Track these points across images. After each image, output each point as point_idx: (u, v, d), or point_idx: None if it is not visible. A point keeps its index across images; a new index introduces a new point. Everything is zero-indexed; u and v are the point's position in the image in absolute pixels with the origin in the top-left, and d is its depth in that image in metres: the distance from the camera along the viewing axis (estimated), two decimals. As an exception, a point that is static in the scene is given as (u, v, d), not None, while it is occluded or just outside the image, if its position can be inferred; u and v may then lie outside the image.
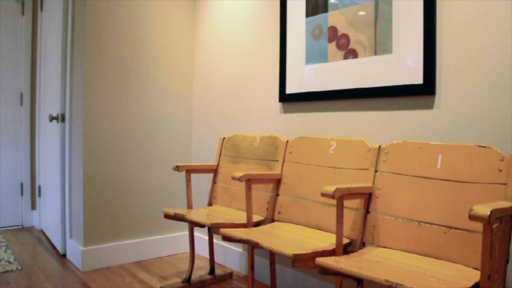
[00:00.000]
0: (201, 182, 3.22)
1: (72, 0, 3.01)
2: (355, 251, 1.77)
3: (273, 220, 2.30)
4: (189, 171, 2.59)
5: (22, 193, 4.08)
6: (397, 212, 1.79)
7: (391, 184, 1.84)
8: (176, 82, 3.23)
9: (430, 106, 1.87)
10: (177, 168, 2.52)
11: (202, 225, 2.24)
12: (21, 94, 4.06)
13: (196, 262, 3.05)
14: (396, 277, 1.36)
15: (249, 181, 2.14)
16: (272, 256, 2.28)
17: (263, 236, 1.89)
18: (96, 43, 2.85)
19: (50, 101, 3.50)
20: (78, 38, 2.93)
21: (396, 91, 1.97)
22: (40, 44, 3.94)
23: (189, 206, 2.58)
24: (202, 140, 3.23)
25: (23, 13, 4.06)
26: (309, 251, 1.68)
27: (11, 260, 3.02)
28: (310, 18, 2.37)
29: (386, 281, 1.31)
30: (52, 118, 3.15)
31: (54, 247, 3.36)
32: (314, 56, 2.35)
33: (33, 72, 4.10)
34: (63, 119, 3.12)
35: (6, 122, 4.00)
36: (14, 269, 2.84)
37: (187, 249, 3.29)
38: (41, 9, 3.90)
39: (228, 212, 2.46)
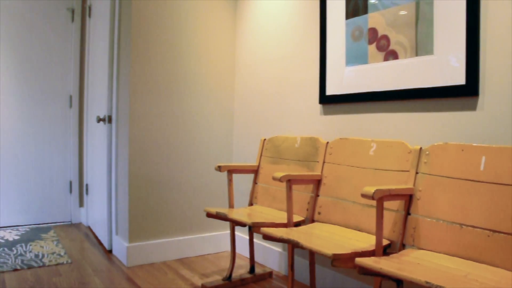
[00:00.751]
0: (242, 182, 3.28)
1: (119, 7, 3.13)
2: (395, 253, 1.77)
3: (313, 221, 2.33)
4: (231, 171, 2.65)
5: (71, 191, 4.27)
6: (439, 214, 1.77)
7: (432, 186, 1.83)
8: (217, 84, 3.30)
9: (473, 107, 1.85)
10: (219, 169, 2.59)
11: (243, 224, 2.29)
12: (70, 97, 4.25)
13: (237, 261, 3.11)
14: (437, 279, 1.36)
15: (290, 181, 2.17)
16: (312, 256, 2.30)
17: (303, 235, 1.92)
18: (141, 47, 2.96)
19: (97, 103, 3.65)
20: (124, 43, 3.05)
21: (438, 92, 1.95)
22: (88, 49, 4.11)
23: (231, 206, 2.64)
24: (243, 141, 3.29)
25: (72, 20, 4.25)
26: (349, 251, 1.69)
27: (62, 253, 3.17)
28: (350, 20, 2.38)
29: (427, 282, 1.32)
30: (99, 120, 3.29)
31: (100, 243, 3.51)
32: (354, 57, 2.36)
33: (81, 76, 4.29)
34: (110, 120, 3.25)
35: (57, 124, 4.20)
36: (65, 262, 2.99)
37: (228, 248, 3.36)
38: (89, 16, 4.08)
39: (268, 212, 2.50)
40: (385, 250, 1.90)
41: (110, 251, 3.28)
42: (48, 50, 4.15)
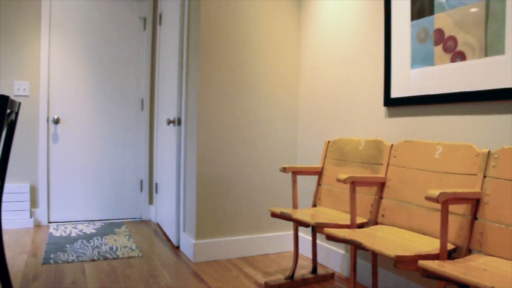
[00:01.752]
0: (306, 183, 3.32)
1: (188, 14, 3.29)
2: (461, 258, 1.74)
3: (376, 223, 2.33)
4: (295, 172, 2.70)
5: (141, 189, 4.51)
6: (508, 220, 1.73)
7: (501, 190, 1.78)
8: (282, 86, 3.37)
9: (547, 109, 1.78)
10: (284, 170, 2.65)
11: (306, 225, 2.33)
12: (142, 100, 4.50)
13: (299, 261, 3.16)
14: (504, 286, 1.34)
15: (354, 183, 2.19)
16: (375, 258, 2.30)
17: (366, 237, 1.94)
18: (209, 53, 3.09)
19: (167, 106, 3.84)
20: (193, 49, 3.20)
21: (508, 94, 1.89)
22: (158, 55, 4.33)
23: (294, 206, 2.69)
24: (307, 143, 3.33)
25: (144, 28, 4.49)
26: (412, 253, 1.69)
27: (133, 247, 3.37)
28: (416, 21, 2.36)
29: None
30: (169, 122, 3.46)
31: (168, 239, 3.68)
32: (420, 59, 2.33)
33: (152, 81, 4.52)
34: (179, 122, 3.42)
35: (129, 125, 4.46)
36: (136, 255, 3.17)
37: (290, 248, 3.41)
38: (160, 24, 4.29)
39: (332, 213, 2.52)
40: (450, 255, 1.87)
41: (177, 247, 3.43)
42: (122, 57, 4.42)
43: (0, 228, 2.13)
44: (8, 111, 1.76)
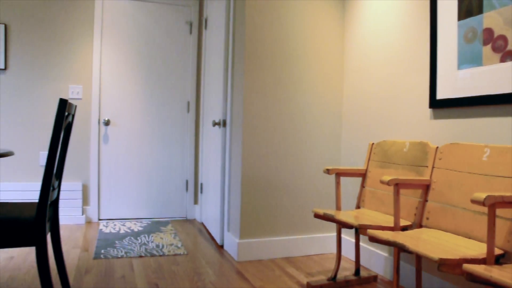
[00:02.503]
0: (350, 185, 3.31)
1: (233, 19, 3.36)
2: (509, 264, 1.70)
3: (420, 226, 2.30)
4: (339, 174, 2.71)
5: (187, 189, 4.63)
6: (560, 224, 1.67)
7: (553, 194, 1.72)
8: (326, 88, 3.38)
9: None
10: (327, 171, 2.66)
11: (349, 226, 2.34)
12: (188, 103, 4.62)
13: (342, 263, 3.15)
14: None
15: (398, 185, 2.18)
16: (419, 261, 2.28)
17: (409, 239, 1.93)
18: (253, 56, 3.15)
19: (213, 108, 3.93)
20: (237, 52, 3.26)
21: (562, 96, 1.83)
22: (204, 59, 4.44)
23: (338, 208, 2.70)
24: (351, 145, 3.33)
25: (190, 32, 4.61)
26: (457, 257, 1.67)
27: (179, 245, 3.47)
28: (463, 21, 2.32)
29: (541, 291, 1.27)
30: (215, 124, 3.55)
31: (213, 238, 3.77)
32: (467, 60, 2.29)
33: (198, 83, 4.63)
34: (224, 124, 3.49)
35: (175, 127, 4.59)
36: (181, 253, 3.27)
37: (333, 250, 3.41)
38: (206, 28, 4.40)
39: (375, 216, 2.52)
40: (498, 260, 1.83)
41: (221, 246, 3.51)
42: (169, 61, 4.56)
43: (58, 224, 2.27)
44: (66, 113, 1.87)
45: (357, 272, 2.79)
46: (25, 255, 3.14)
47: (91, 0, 4.31)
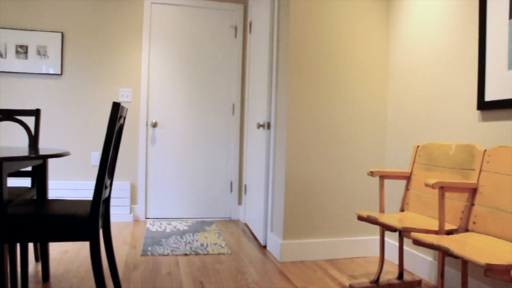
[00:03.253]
0: (394, 188, 3.28)
1: (277, 22, 3.41)
2: (561, 269, 1.65)
3: (466, 230, 2.26)
4: (383, 177, 2.70)
5: (231, 190, 4.71)
6: None
7: None
8: (370, 89, 3.37)
9: None
10: (371, 174, 2.66)
11: (393, 229, 2.33)
12: (233, 105, 4.70)
13: (385, 266, 3.13)
14: None
15: (443, 188, 2.15)
16: (464, 266, 2.24)
17: (455, 243, 1.90)
18: (297, 59, 3.18)
19: (257, 110, 3.99)
20: (282, 55, 3.31)
21: None
22: (249, 62, 4.51)
23: (381, 210, 2.69)
24: (396, 147, 3.29)
25: (235, 36, 4.70)
26: (505, 262, 1.64)
27: (223, 245, 3.55)
28: (514, 22, 2.26)
29: None
30: (259, 126, 3.60)
31: (256, 239, 3.82)
32: (518, 61, 2.23)
33: (243, 86, 4.71)
34: (268, 126, 3.54)
35: (220, 129, 4.68)
36: (225, 252, 3.34)
37: (376, 253, 3.38)
38: (250, 32, 4.47)
39: (419, 219, 2.49)
40: (549, 266, 1.78)
41: (264, 247, 3.55)
42: (214, 64, 4.66)
43: (109, 221, 2.39)
44: (119, 116, 1.97)
45: (400, 276, 2.76)
46: (78, 250, 3.30)
47: (140, 7, 4.48)
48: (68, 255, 3.18)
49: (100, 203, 1.99)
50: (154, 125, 4.51)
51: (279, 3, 3.39)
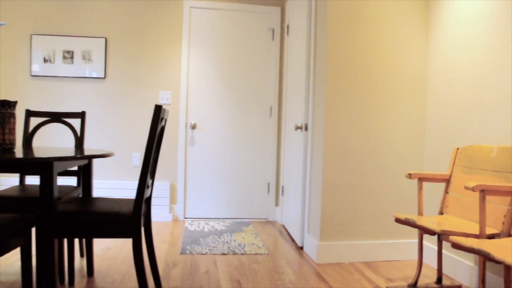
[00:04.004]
0: (433, 191, 3.23)
1: (314, 25, 3.42)
2: None
3: (509, 235, 2.21)
4: (421, 179, 2.67)
5: (268, 191, 4.75)
6: None
7: None
8: (409, 91, 3.33)
9: None
10: (409, 176, 2.64)
11: (432, 232, 2.30)
12: (271, 107, 4.75)
13: (423, 270, 3.09)
14: None
15: (483, 191, 2.12)
16: (508, 272, 2.19)
17: (496, 248, 1.87)
18: (334, 60, 3.19)
19: (295, 112, 4.01)
20: (319, 57, 3.32)
21: None
22: (286, 64, 4.54)
23: (420, 213, 2.66)
24: (435, 150, 3.25)
25: (273, 39, 4.74)
26: (548, 267, 1.60)
27: (260, 245, 3.59)
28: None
29: None
30: (296, 128, 3.63)
31: (293, 240, 3.84)
32: None
33: (280, 88, 4.75)
34: (306, 128, 3.56)
35: (258, 131, 4.73)
36: (262, 253, 3.38)
37: (414, 256, 3.34)
38: (287, 34, 4.50)
39: (459, 222, 2.45)
40: None
41: (301, 248, 3.57)
42: (252, 66, 4.72)
43: (150, 219, 2.47)
44: (160, 118, 2.05)
45: (439, 280, 2.72)
46: (120, 247, 3.42)
47: (180, 12, 4.59)
48: (111, 252, 3.30)
49: (142, 202, 2.07)
50: (193, 126, 4.61)
51: (316, 5, 3.40)
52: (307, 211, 3.48)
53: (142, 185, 2.06)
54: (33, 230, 3.65)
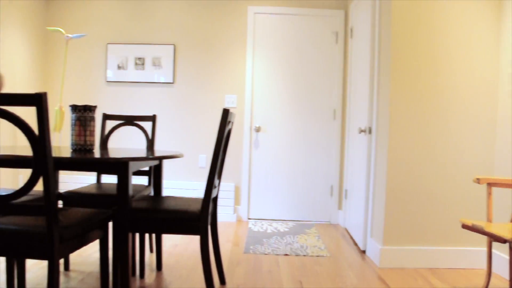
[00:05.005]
0: (502, 197, 3.11)
1: (379, 27, 3.40)
2: None
3: None
4: (490, 184, 2.59)
5: (331, 195, 4.76)
6: None
7: None
8: (477, 93, 3.23)
9: None
10: (478, 181, 2.56)
11: (502, 240, 2.23)
12: (334, 110, 4.75)
13: (492, 280, 2.97)
14: None
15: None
16: None
17: None
18: (399, 63, 3.16)
19: (359, 115, 4.00)
20: (384, 60, 3.30)
21: None
22: (350, 67, 4.53)
23: (489, 220, 2.58)
24: (507, 154, 3.12)
25: (336, 42, 4.74)
26: None
27: (322, 248, 3.61)
28: None
29: None
30: (360, 131, 3.62)
31: (355, 243, 3.83)
32: None
33: (344, 91, 4.74)
34: (370, 131, 3.55)
35: (321, 134, 4.75)
36: (324, 255, 3.40)
37: (482, 265, 3.22)
38: (351, 37, 4.48)
39: (530, 231, 2.35)
40: None
41: (363, 251, 3.55)
42: (315, 70, 4.75)
43: (216, 218, 2.58)
44: (228, 121, 2.15)
45: (510, 290, 2.62)
46: (186, 244, 3.58)
47: (244, 17, 4.72)
48: (178, 248, 3.46)
49: (209, 201, 2.17)
50: (258, 129, 4.71)
51: (381, 6, 3.38)
52: (370, 215, 3.46)
53: (210, 185, 2.17)
54: (110, 224, 3.90)
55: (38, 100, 1.55)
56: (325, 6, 4.75)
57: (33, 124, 4.48)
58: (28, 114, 4.43)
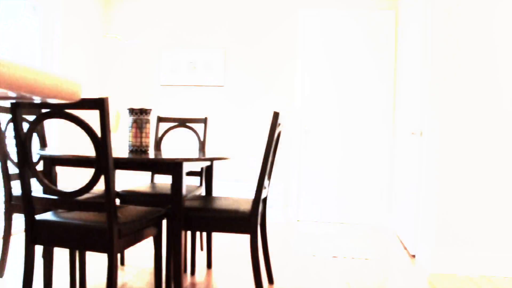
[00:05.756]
0: None
1: (431, 25, 3.34)
2: None
3: None
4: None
5: (381, 197, 4.70)
6: None
7: None
8: (536, 98, 3.11)
9: None
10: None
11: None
12: (384, 112, 4.70)
13: (552, 289, 2.86)
14: None
15: None
16: None
17: None
18: (450, 64, 3.09)
19: (409, 118, 3.94)
20: (435, 59, 3.24)
21: None
22: (400, 69, 4.46)
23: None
24: None
25: (387, 43, 4.69)
26: None
27: (371, 250, 3.59)
28: None
29: None
30: (411, 133, 3.57)
31: (405, 247, 3.77)
32: None
33: (394, 93, 4.68)
34: (421, 134, 3.49)
35: (371, 136, 4.72)
36: (373, 258, 3.38)
37: (542, 274, 3.10)
38: (402, 37, 4.42)
39: None
40: None
41: (413, 256, 3.50)
42: (365, 71, 4.71)
43: (265, 218, 2.64)
44: (278, 123, 2.20)
45: None
46: (235, 243, 3.65)
47: (294, 21, 4.76)
48: (227, 247, 3.55)
49: (259, 202, 2.23)
50: (307, 131, 4.74)
51: (433, 5, 3.32)
52: (421, 218, 3.41)
53: (260, 186, 2.23)
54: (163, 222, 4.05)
55: (101, 105, 1.66)
56: (375, 7, 4.71)
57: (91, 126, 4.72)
58: (81, 116, 4.67)
